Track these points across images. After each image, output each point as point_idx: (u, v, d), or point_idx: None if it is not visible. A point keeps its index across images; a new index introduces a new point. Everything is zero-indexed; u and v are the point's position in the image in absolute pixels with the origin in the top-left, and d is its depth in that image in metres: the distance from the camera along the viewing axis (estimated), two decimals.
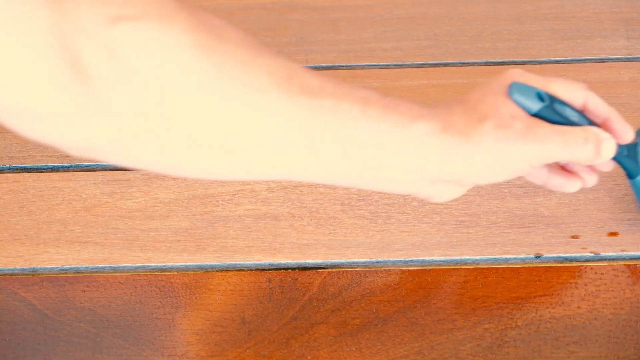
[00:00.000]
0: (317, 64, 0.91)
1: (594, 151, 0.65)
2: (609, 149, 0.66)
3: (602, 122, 0.68)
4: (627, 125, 0.68)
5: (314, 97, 0.56)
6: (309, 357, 0.67)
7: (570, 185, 0.68)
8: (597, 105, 0.67)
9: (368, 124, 0.58)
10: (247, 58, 0.54)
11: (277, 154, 0.57)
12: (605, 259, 0.72)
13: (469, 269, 0.71)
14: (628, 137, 0.68)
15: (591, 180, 0.69)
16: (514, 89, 0.64)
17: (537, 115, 0.64)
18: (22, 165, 0.81)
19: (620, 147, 0.67)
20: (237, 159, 0.56)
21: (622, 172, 0.70)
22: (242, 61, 0.53)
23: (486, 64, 0.90)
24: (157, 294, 0.71)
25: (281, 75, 0.55)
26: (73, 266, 0.73)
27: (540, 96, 0.64)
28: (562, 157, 0.65)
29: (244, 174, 0.58)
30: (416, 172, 0.62)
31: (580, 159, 0.65)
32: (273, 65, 0.55)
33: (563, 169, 0.68)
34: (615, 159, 0.67)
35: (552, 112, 0.64)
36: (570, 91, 0.67)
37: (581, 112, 0.67)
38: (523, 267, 0.71)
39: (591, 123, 0.67)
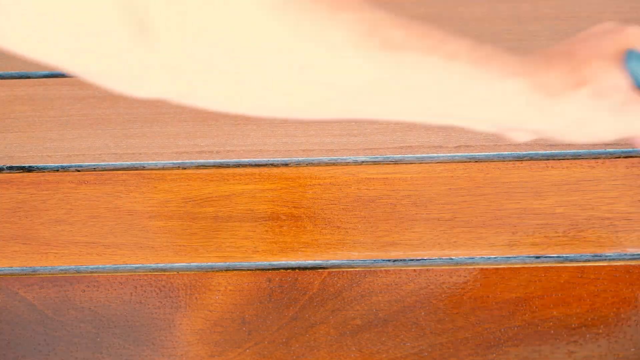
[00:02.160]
0: None
1: None
2: None
3: None
4: None
5: (394, 51, 0.56)
6: (309, 357, 0.67)
7: None
8: None
9: (451, 79, 0.58)
10: (324, 15, 0.54)
11: (353, 105, 0.57)
12: (605, 259, 0.72)
13: (468, 269, 0.72)
14: None
15: None
16: (632, 57, 0.62)
17: None
18: (22, 165, 0.81)
19: None
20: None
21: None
22: (318, 19, 0.53)
23: None
24: (157, 294, 0.71)
25: (360, 30, 0.55)
26: (73, 266, 0.73)
27: None
28: None
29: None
30: (493, 123, 0.62)
31: None
32: (353, 20, 0.55)
33: None
34: None
35: None
36: None
37: None
38: (523, 267, 0.71)
39: None
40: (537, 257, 0.72)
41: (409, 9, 0.97)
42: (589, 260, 0.72)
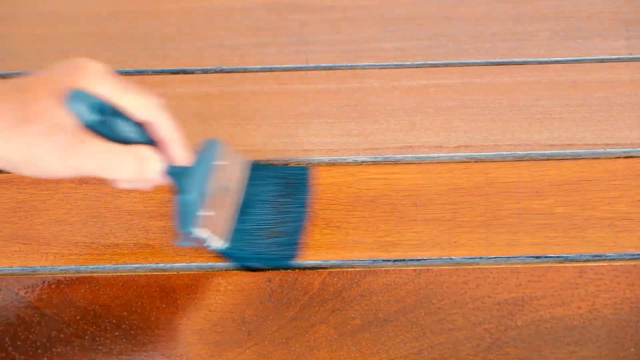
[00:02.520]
0: (317, 64, 0.91)
1: (136, 173, 0.66)
2: (153, 172, 0.67)
3: (162, 142, 0.68)
4: (184, 152, 0.69)
5: None
6: (309, 357, 0.67)
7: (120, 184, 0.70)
8: (163, 126, 0.68)
9: None
10: None
11: None
12: (605, 259, 0.72)
13: (468, 269, 0.72)
14: (182, 162, 0.69)
15: (144, 186, 0.70)
16: (72, 97, 0.63)
17: (90, 126, 0.64)
18: None
19: (175, 167, 0.69)
20: None
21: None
22: None
23: (486, 64, 0.90)
24: (157, 294, 0.71)
25: None
26: (73, 266, 0.73)
27: (98, 108, 0.64)
28: (105, 174, 0.66)
29: None
30: None
31: (123, 178, 0.67)
32: None
33: None
34: (169, 175, 0.69)
35: (106, 127, 0.64)
36: (139, 107, 0.66)
37: (142, 129, 0.67)
38: (523, 267, 0.71)
39: (149, 140, 0.67)
40: (537, 257, 0.72)
41: (409, 9, 0.97)
42: (589, 260, 0.72)
